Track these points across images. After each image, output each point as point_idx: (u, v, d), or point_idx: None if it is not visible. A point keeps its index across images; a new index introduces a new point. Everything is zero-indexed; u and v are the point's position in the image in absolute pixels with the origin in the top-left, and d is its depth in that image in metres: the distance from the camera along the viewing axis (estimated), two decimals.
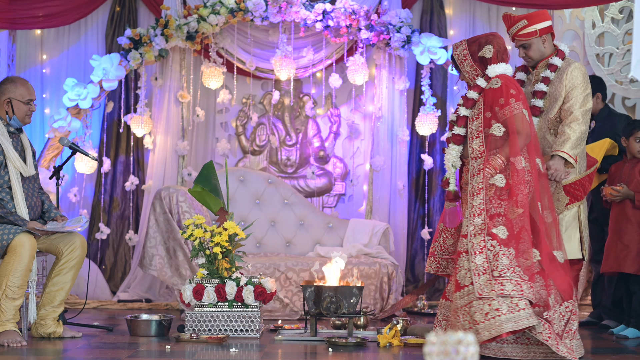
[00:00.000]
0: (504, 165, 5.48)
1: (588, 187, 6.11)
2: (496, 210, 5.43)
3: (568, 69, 6.06)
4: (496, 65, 5.68)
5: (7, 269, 5.91)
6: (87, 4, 9.06)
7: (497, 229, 5.37)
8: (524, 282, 5.29)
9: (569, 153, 5.86)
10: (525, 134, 5.50)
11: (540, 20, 6.14)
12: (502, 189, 5.44)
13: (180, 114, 9.07)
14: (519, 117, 5.49)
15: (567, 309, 5.46)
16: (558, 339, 5.33)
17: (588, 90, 6.02)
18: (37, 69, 9.28)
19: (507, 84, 5.57)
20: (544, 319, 5.33)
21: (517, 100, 5.52)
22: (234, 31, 8.98)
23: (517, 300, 5.25)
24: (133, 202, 9.12)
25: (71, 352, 5.82)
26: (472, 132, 5.67)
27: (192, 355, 5.67)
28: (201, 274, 6.55)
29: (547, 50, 6.16)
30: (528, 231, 5.38)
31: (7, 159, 6.15)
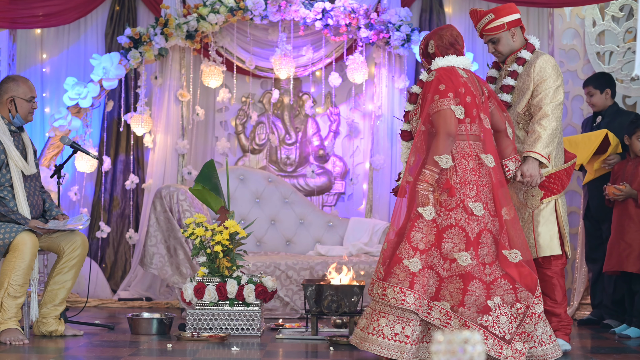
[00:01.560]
0: (436, 175, 5.23)
1: (566, 181, 5.98)
2: (447, 222, 5.22)
3: (536, 62, 5.90)
4: (440, 58, 5.46)
5: (9, 267, 5.93)
6: (86, 4, 9.07)
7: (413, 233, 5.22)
8: (410, 291, 5.09)
9: (541, 153, 5.69)
10: (445, 133, 5.22)
11: (507, 13, 6.00)
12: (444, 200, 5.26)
13: (180, 113, 9.08)
14: (441, 115, 5.24)
15: (518, 310, 5.15)
16: (502, 342, 5.06)
17: (558, 83, 5.85)
18: (37, 68, 9.29)
19: (440, 78, 5.33)
20: (477, 324, 5.08)
21: (442, 97, 5.26)
22: (233, 30, 8.99)
23: (399, 327, 5.11)
24: (133, 201, 9.13)
25: (73, 350, 5.84)
26: (413, 128, 5.55)
27: (194, 353, 5.68)
28: (202, 272, 6.56)
29: (517, 44, 6.01)
30: (453, 232, 5.18)
31: (8, 158, 6.17)
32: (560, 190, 5.91)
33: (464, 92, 5.31)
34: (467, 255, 5.13)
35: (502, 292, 5.14)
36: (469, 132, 5.34)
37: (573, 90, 8.77)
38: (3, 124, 6.29)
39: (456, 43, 5.53)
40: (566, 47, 8.86)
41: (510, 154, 5.62)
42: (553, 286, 5.89)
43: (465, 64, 5.50)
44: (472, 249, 5.16)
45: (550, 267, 5.90)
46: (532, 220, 5.86)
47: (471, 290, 5.10)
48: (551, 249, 5.85)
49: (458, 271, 5.12)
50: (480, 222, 5.23)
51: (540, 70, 5.86)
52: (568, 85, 8.77)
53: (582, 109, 8.71)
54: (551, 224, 5.88)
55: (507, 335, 5.08)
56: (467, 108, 5.31)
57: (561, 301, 5.90)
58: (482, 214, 5.23)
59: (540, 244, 5.83)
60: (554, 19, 8.90)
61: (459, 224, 5.19)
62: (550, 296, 5.88)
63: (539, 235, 5.84)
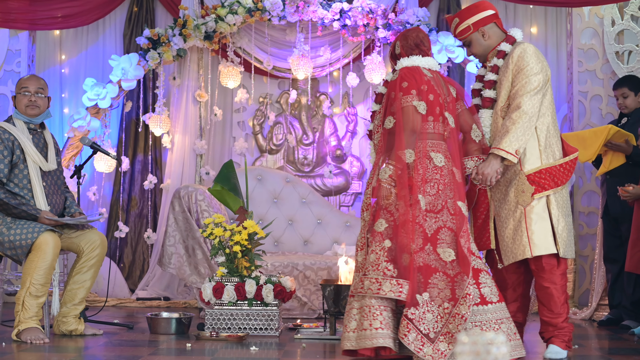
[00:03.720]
0: (400, 171, 5.24)
1: (562, 177, 5.71)
2: (404, 217, 5.22)
3: (514, 52, 5.70)
4: (405, 59, 5.49)
5: (31, 266, 5.97)
6: (105, 5, 9.12)
7: (376, 223, 5.24)
8: (387, 279, 5.09)
9: (505, 149, 5.49)
10: (410, 129, 5.26)
11: (472, 14, 5.86)
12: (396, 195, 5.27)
13: (198, 113, 9.12)
14: (405, 111, 5.27)
15: (445, 310, 5.10)
16: (424, 340, 5.01)
17: (536, 71, 5.61)
18: (56, 69, 9.35)
19: (403, 77, 5.37)
20: (403, 315, 5.03)
21: (405, 94, 5.29)
22: (251, 31, 9.01)
23: (368, 317, 5.10)
24: (151, 201, 9.16)
25: (92, 349, 5.86)
26: (375, 126, 5.55)
27: (213, 353, 5.70)
28: (221, 272, 6.58)
29: (492, 42, 5.85)
30: (409, 227, 5.17)
31: (25, 154, 6.22)
32: (553, 186, 5.66)
33: (426, 90, 5.35)
34: (422, 253, 5.14)
35: (463, 286, 5.12)
36: (431, 130, 5.36)
37: (592, 90, 8.76)
38: (21, 123, 6.35)
39: (421, 44, 5.56)
40: (585, 46, 8.84)
41: (473, 153, 5.61)
42: (549, 296, 5.66)
43: (430, 64, 5.51)
44: (429, 244, 5.17)
45: (545, 276, 5.67)
46: (524, 218, 5.64)
47: (433, 283, 5.11)
48: (546, 247, 5.62)
49: (415, 265, 5.12)
50: (438, 219, 5.24)
51: (518, 60, 5.67)
52: (586, 85, 8.76)
53: (601, 109, 8.70)
54: (544, 221, 5.64)
55: (432, 333, 5.05)
56: (430, 106, 5.34)
57: (559, 311, 5.66)
58: (439, 212, 5.24)
59: (534, 242, 5.60)
60: (573, 18, 8.88)
61: (416, 220, 5.19)
62: (547, 306, 5.68)
63: (533, 234, 5.61)
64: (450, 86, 5.57)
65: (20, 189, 6.21)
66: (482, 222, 5.91)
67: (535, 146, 5.69)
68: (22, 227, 6.06)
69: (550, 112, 5.75)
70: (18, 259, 6.10)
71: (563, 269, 5.69)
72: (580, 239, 8.66)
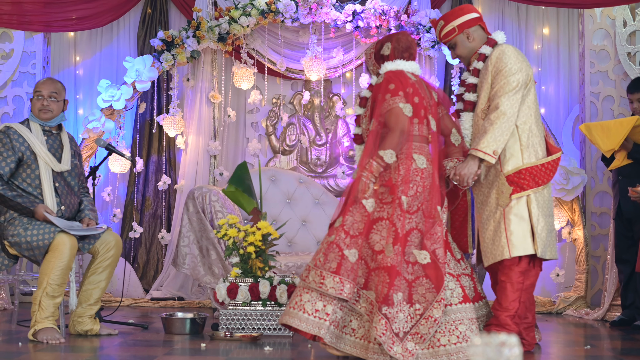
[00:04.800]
0: (382, 169, 5.32)
1: (543, 177, 5.70)
2: (379, 214, 5.31)
3: (493, 54, 5.73)
4: (389, 62, 5.54)
5: (48, 267, 6.02)
6: (119, 7, 9.17)
7: (338, 220, 5.34)
8: (331, 275, 5.19)
9: (482, 150, 5.52)
10: (399, 130, 5.29)
11: (457, 16, 5.90)
12: (382, 192, 5.34)
13: (211, 114, 9.16)
14: (393, 113, 5.31)
15: (417, 311, 5.14)
16: (395, 338, 5.04)
17: (513, 71, 5.61)
18: (71, 70, 9.41)
19: (389, 79, 5.41)
20: (382, 314, 5.05)
21: (393, 95, 5.34)
22: (264, 32, 9.05)
23: (321, 304, 5.22)
24: (165, 202, 9.21)
25: (108, 349, 5.90)
26: (364, 131, 5.58)
27: (227, 353, 5.74)
28: (235, 273, 6.62)
29: (476, 44, 5.88)
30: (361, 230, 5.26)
31: (37, 155, 6.28)
32: (533, 186, 5.65)
33: (411, 92, 5.39)
34: (392, 249, 5.17)
35: (423, 290, 5.15)
36: (416, 132, 5.40)
37: (604, 91, 8.78)
38: (36, 125, 6.41)
39: (411, 48, 5.62)
40: (597, 47, 8.86)
41: (453, 155, 5.66)
42: (502, 290, 5.67)
43: (413, 69, 5.57)
44: (399, 244, 5.19)
45: (503, 271, 5.68)
46: (503, 219, 5.63)
47: (397, 285, 5.13)
48: (524, 248, 5.62)
49: (384, 264, 5.15)
50: (412, 220, 5.27)
51: (497, 61, 5.68)
52: (598, 86, 8.78)
53: (613, 110, 8.71)
54: (524, 221, 5.63)
55: (401, 332, 5.08)
56: (415, 108, 5.38)
57: (507, 306, 5.64)
58: (414, 213, 5.28)
59: (513, 243, 5.59)
60: (585, 19, 8.89)
61: (390, 218, 5.23)
62: (498, 299, 5.70)
63: (511, 234, 5.60)
64: (432, 90, 5.64)
65: (34, 189, 6.27)
66: (460, 225, 5.94)
67: (516, 146, 5.69)
68: (39, 228, 6.11)
69: (533, 112, 5.74)
70: (35, 260, 6.16)
71: (522, 268, 5.68)
72: (593, 240, 8.68)
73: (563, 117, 9.06)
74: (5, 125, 6.38)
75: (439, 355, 5.14)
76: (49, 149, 6.38)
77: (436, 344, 5.17)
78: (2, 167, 6.24)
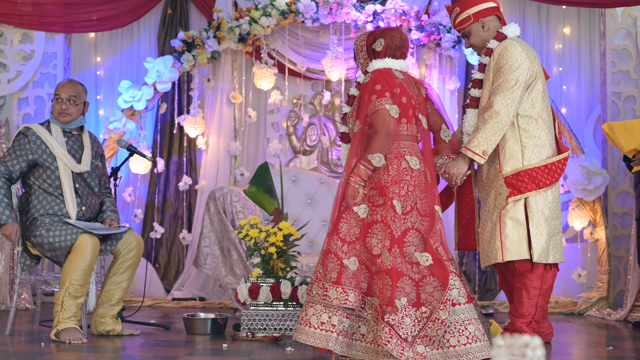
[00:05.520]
0: (370, 172, 5.25)
1: (546, 179, 5.56)
2: (373, 218, 5.25)
3: (496, 50, 5.61)
4: (378, 60, 5.45)
5: (70, 267, 6.04)
6: (139, 7, 9.20)
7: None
8: (333, 286, 5.13)
9: (472, 150, 5.43)
10: (385, 132, 5.22)
11: (473, 4, 5.76)
12: (373, 196, 5.28)
13: (232, 115, 9.18)
14: (379, 115, 5.24)
15: (423, 314, 5.10)
16: (404, 344, 5.00)
17: (513, 68, 5.49)
18: (92, 71, 9.44)
19: (375, 79, 5.32)
20: (384, 322, 5.01)
21: (379, 96, 5.26)
22: (285, 33, 9.06)
23: (326, 316, 5.17)
24: (186, 202, 9.23)
25: (130, 349, 5.92)
26: (350, 130, 5.50)
27: (249, 353, 5.74)
28: (256, 273, 6.63)
29: (490, 34, 5.75)
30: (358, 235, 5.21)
31: (56, 157, 6.30)
32: (533, 189, 5.53)
33: (399, 93, 5.31)
34: (387, 253, 5.11)
35: (431, 289, 5.11)
36: (404, 132, 5.33)
37: (625, 91, 8.74)
38: (57, 126, 6.44)
39: (403, 46, 5.53)
40: (618, 47, 8.83)
41: (443, 152, 5.57)
42: (518, 296, 5.60)
43: (402, 66, 5.48)
44: (396, 246, 5.15)
45: (518, 278, 5.61)
46: (499, 222, 5.54)
47: (400, 287, 5.10)
48: (518, 253, 5.52)
49: (384, 267, 5.11)
50: (407, 220, 5.22)
51: (499, 58, 5.57)
52: (620, 86, 8.75)
53: (635, 110, 8.68)
54: (520, 225, 5.52)
55: (409, 337, 5.05)
56: (403, 108, 5.31)
57: (522, 313, 5.59)
58: (408, 213, 5.23)
59: (507, 247, 5.49)
60: (606, 19, 8.86)
61: (384, 220, 5.18)
62: (514, 304, 5.63)
63: (505, 238, 5.50)
64: (420, 86, 5.55)
65: (54, 189, 6.31)
66: (467, 222, 5.86)
67: (517, 147, 5.58)
68: (61, 229, 6.14)
69: (537, 110, 5.61)
70: (58, 261, 6.19)
71: (539, 273, 5.57)
72: (615, 240, 8.65)
73: (584, 117, 9.03)
74: (25, 126, 6.41)
75: (449, 356, 5.11)
76: (69, 150, 6.40)
77: (445, 344, 5.14)
78: (13, 165, 6.29)
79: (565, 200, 8.77)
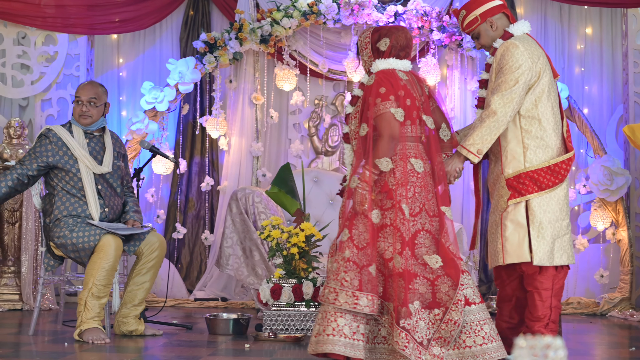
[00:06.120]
0: (376, 177, 5.20)
1: (549, 180, 5.45)
2: (382, 221, 5.19)
3: (499, 50, 5.53)
4: (382, 61, 5.36)
5: (93, 267, 6.07)
6: (161, 9, 9.25)
7: (342, 233, 5.19)
8: (343, 289, 5.04)
9: (467, 148, 5.36)
10: (389, 135, 5.17)
11: (479, 4, 5.66)
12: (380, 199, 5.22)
13: (254, 116, 9.20)
14: (384, 118, 5.17)
15: (436, 316, 5.07)
16: (420, 348, 4.98)
17: (513, 68, 5.40)
18: (114, 72, 9.49)
19: (379, 82, 5.24)
20: (400, 327, 4.98)
21: (384, 100, 5.19)
22: (306, 34, 9.07)
23: (322, 323, 5.06)
24: (208, 202, 9.26)
25: (152, 349, 5.96)
26: (352, 132, 5.44)
27: (271, 354, 5.77)
28: (278, 274, 6.64)
29: (499, 33, 5.64)
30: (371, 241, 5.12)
31: (77, 158, 6.34)
32: (535, 191, 5.43)
33: (403, 95, 5.25)
34: (399, 257, 5.09)
35: (446, 288, 5.09)
36: (408, 134, 5.27)
37: None
38: (79, 128, 6.47)
39: (408, 47, 5.44)
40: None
41: (443, 150, 5.50)
42: (531, 300, 5.49)
43: (405, 66, 5.40)
44: (407, 248, 5.11)
45: (528, 281, 5.51)
46: (500, 224, 5.48)
47: (413, 288, 5.08)
48: (518, 255, 5.43)
49: (396, 271, 5.08)
50: (416, 222, 5.19)
51: (501, 58, 5.50)
52: None
53: None
54: (520, 228, 5.43)
55: (425, 340, 5.02)
56: (407, 111, 5.25)
57: (538, 316, 5.48)
58: (417, 215, 5.19)
59: (507, 250, 5.43)
60: (628, 19, 8.84)
61: (394, 223, 5.14)
62: (529, 308, 5.53)
63: (506, 241, 5.44)
64: (423, 84, 5.48)
65: (77, 191, 6.34)
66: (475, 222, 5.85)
67: (518, 149, 5.50)
68: (84, 229, 6.17)
69: (539, 111, 5.51)
70: (81, 261, 6.23)
71: (549, 274, 5.48)
72: (637, 241, 8.61)
73: (607, 117, 9.01)
74: (47, 127, 6.45)
75: (465, 356, 5.09)
76: (91, 152, 6.43)
77: (462, 345, 5.12)
78: (31, 165, 6.34)
79: (588, 201, 8.76)
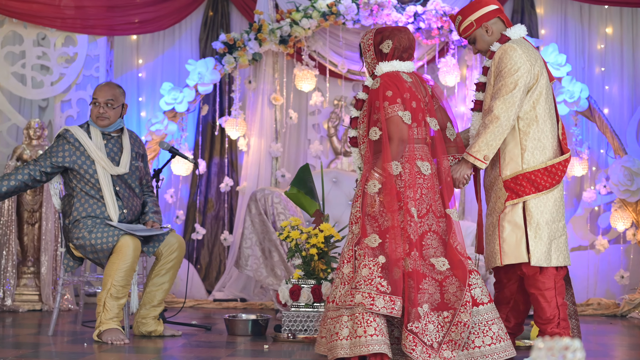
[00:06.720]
0: (384, 179, 5.19)
1: (546, 181, 5.45)
2: (389, 224, 5.16)
3: (496, 54, 5.52)
4: (385, 63, 5.36)
5: (112, 268, 6.08)
6: (181, 10, 9.26)
7: (369, 238, 5.15)
8: (380, 295, 5.02)
9: (473, 155, 5.39)
10: (398, 139, 5.18)
11: (474, 10, 5.68)
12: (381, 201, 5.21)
13: (273, 116, 9.21)
14: (393, 122, 5.18)
15: (445, 319, 5.07)
16: (430, 350, 4.97)
17: (512, 72, 5.40)
18: (134, 73, 9.51)
19: (385, 85, 5.24)
20: (407, 330, 4.97)
21: (392, 103, 5.19)
22: (326, 34, 9.07)
23: (361, 324, 5.00)
24: (227, 203, 9.27)
25: (171, 350, 5.96)
26: (360, 136, 5.44)
27: (290, 354, 5.76)
28: (297, 274, 6.64)
29: (495, 37, 5.65)
30: (397, 234, 5.11)
31: (94, 159, 6.34)
32: (532, 192, 5.44)
33: (409, 98, 5.26)
34: (408, 258, 5.08)
35: (454, 289, 5.09)
36: (415, 136, 5.28)
37: None
38: (96, 129, 6.47)
39: (410, 48, 5.44)
40: None
41: (449, 152, 5.50)
42: (536, 303, 5.48)
43: (409, 68, 5.40)
44: (415, 250, 5.11)
45: (529, 282, 5.50)
46: (498, 225, 5.48)
47: (423, 288, 5.08)
48: (516, 256, 5.44)
49: (405, 271, 5.07)
50: (423, 223, 5.20)
51: (498, 62, 5.50)
52: None
53: None
54: (518, 229, 5.44)
55: (435, 343, 5.01)
56: (413, 113, 5.26)
57: (547, 317, 5.47)
58: (424, 216, 5.20)
59: (504, 251, 5.43)
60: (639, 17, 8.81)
61: (400, 225, 5.15)
62: (536, 312, 5.52)
63: (503, 242, 5.45)
64: (426, 85, 5.49)
65: (96, 192, 6.34)
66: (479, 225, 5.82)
67: (516, 150, 5.51)
68: (103, 231, 6.18)
69: (538, 113, 5.51)
70: (100, 262, 6.24)
71: (550, 274, 5.47)
72: None
73: (627, 117, 8.97)
74: (65, 128, 6.46)
75: (474, 357, 5.08)
76: (108, 153, 6.42)
77: (471, 345, 5.11)
78: (44, 160, 6.37)
79: (608, 202, 8.72)
